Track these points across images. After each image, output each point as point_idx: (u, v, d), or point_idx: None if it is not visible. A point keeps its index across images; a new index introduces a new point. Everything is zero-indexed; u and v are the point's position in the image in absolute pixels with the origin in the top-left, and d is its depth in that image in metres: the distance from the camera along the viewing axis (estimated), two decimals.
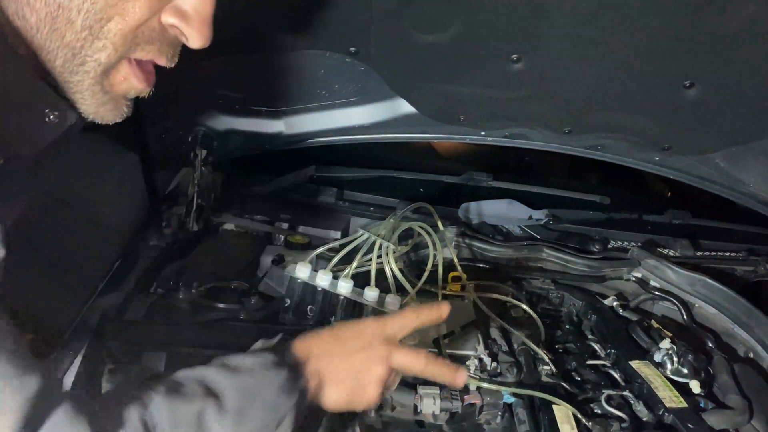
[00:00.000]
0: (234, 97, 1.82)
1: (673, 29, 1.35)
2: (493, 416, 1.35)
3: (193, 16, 0.85)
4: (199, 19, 0.86)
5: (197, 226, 1.96)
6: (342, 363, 1.09)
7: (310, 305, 1.52)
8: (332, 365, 1.08)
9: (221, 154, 1.99)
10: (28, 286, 1.36)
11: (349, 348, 1.10)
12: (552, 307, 1.88)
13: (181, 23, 0.85)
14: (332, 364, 1.08)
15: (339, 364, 1.08)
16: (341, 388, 1.08)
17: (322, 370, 1.06)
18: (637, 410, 1.40)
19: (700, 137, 1.74)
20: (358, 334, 1.12)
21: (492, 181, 2.35)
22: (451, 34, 1.46)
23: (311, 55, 1.64)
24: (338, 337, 1.12)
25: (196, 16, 0.85)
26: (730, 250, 2.22)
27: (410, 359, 1.12)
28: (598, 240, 2.13)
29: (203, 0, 0.86)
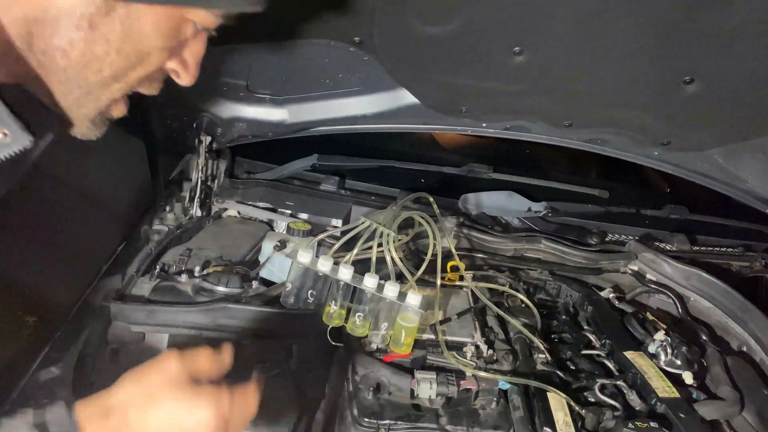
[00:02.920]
0: (238, 84, 1.84)
1: (674, 25, 1.36)
2: (488, 402, 1.37)
3: (191, 64, 0.98)
4: (194, 64, 0.99)
5: (200, 211, 1.99)
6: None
7: (311, 290, 1.54)
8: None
9: (225, 140, 2.00)
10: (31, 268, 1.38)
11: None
12: (549, 297, 1.90)
13: (180, 68, 0.98)
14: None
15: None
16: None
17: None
18: (630, 399, 1.43)
19: (699, 133, 1.76)
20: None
21: (492, 173, 2.36)
22: (454, 26, 1.47)
23: (316, 45, 1.65)
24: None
25: (192, 61, 0.98)
26: (726, 246, 2.25)
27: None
28: (596, 233, 2.15)
29: (200, 50, 0.98)
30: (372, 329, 1.44)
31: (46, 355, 1.30)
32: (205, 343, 0.96)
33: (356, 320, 1.44)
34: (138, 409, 0.86)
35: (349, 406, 1.33)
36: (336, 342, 1.51)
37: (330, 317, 1.47)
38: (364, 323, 1.44)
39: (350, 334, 1.46)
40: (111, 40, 0.84)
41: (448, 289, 1.69)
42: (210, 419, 0.87)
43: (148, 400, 0.87)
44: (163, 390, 0.88)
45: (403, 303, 1.40)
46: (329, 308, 1.48)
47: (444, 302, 1.61)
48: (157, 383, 0.88)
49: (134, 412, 0.86)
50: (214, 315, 1.52)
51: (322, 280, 1.53)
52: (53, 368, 1.32)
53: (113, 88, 0.90)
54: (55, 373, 1.32)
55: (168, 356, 0.91)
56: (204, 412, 0.87)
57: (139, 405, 0.87)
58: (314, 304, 1.55)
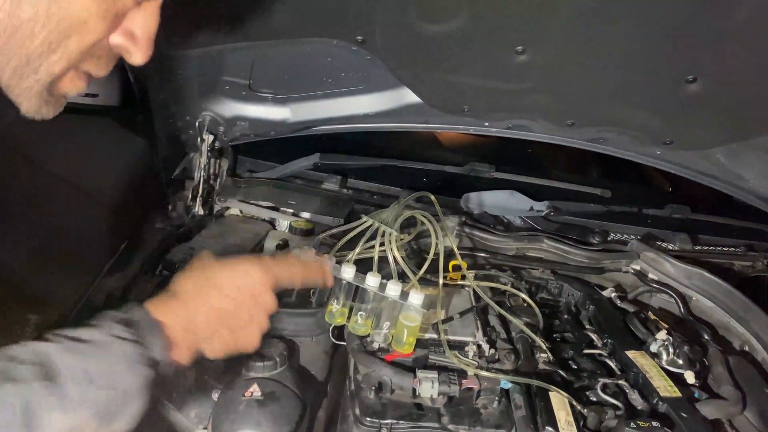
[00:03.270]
0: (241, 83, 1.84)
1: (676, 24, 1.36)
2: (490, 401, 1.37)
3: (140, 38, 0.90)
4: (145, 40, 0.91)
5: (203, 210, 1.99)
6: (224, 323, 1.10)
7: (313, 289, 1.54)
8: (211, 327, 1.09)
9: (227, 139, 2.01)
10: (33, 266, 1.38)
11: (233, 305, 1.11)
12: (551, 296, 1.90)
13: (129, 44, 0.90)
14: (211, 326, 1.09)
15: (220, 324, 1.10)
16: (221, 344, 1.11)
17: (196, 332, 1.06)
18: (631, 399, 1.42)
19: (701, 132, 1.76)
20: (245, 286, 1.14)
21: (494, 172, 2.37)
22: (456, 25, 1.47)
23: (318, 44, 1.65)
24: (219, 290, 1.11)
25: (142, 37, 0.90)
26: (728, 245, 2.24)
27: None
28: (598, 232, 2.15)
29: (150, 23, 0.90)
30: (374, 328, 1.44)
31: None
32: None
33: (358, 319, 1.44)
34: (207, 288, 1.11)
35: (351, 405, 1.33)
36: (338, 341, 1.51)
37: (332, 316, 1.47)
38: (366, 322, 1.44)
39: (352, 333, 1.46)
40: (38, 2, 0.79)
41: (450, 288, 1.69)
42: (260, 274, 1.16)
43: (205, 278, 1.13)
44: (221, 269, 1.15)
45: (405, 302, 1.40)
46: (331, 307, 1.48)
47: (446, 301, 1.61)
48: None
49: (205, 291, 1.11)
50: None
51: None
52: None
53: (51, 59, 0.84)
54: None
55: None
56: (256, 269, 1.16)
57: (205, 282, 1.12)
58: (316, 303, 1.56)
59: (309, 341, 1.56)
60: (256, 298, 1.15)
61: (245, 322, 1.14)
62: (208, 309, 1.09)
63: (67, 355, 0.88)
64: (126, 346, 0.93)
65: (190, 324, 1.05)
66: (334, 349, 1.57)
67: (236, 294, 1.12)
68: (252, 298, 1.14)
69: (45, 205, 1.51)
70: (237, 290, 1.13)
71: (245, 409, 1.27)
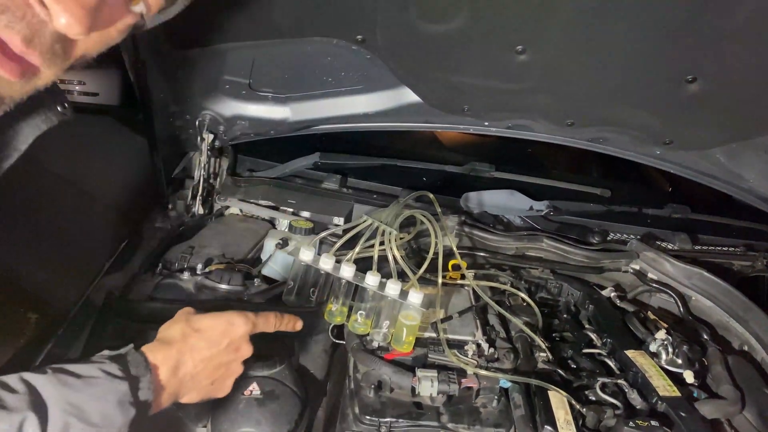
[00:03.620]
0: (241, 82, 1.84)
1: (676, 24, 1.36)
2: (489, 400, 1.37)
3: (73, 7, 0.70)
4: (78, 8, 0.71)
5: (203, 209, 2.00)
6: (206, 369, 1.12)
7: (313, 288, 1.54)
8: (194, 372, 1.10)
9: (227, 138, 2.01)
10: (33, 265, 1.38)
11: (216, 352, 1.14)
12: (550, 296, 1.91)
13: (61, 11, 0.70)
14: (194, 372, 1.10)
15: (202, 371, 1.12)
16: (200, 391, 1.14)
17: (181, 377, 1.08)
18: (631, 398, 1.43)
19: (701, 132, 1.76)
20: (227, 334, 1.16)
21: (494, 172, 2.37)
22: (456, 25, 1.47)
23: (318, 43, 1.65)
24: (204, 337, 1.14)
25: (76, 6, 0.70)
26: (728, 245, 2.25)
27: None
28: (598, 232, 2.15)
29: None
30: (373, 327, 1.45)
31: (49, 352, 1.31)
32: None
33: (358, 318, 1.44)
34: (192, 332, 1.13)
35: (351, 404, 1.34)
36: (338, 340, 1.51)
37: (332, 315, 1.48)
38: (366, 321, 1.44)
39: (352, 331, 1.46)
40: None
41: (449, 287, 1.69)
42: (243, 322, 1.18)
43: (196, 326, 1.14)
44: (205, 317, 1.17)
45: (405, 301, 1.41)
46: (331, 306, 1.48)
47: (445, 301, 1.61)
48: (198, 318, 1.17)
49: (190, 335, 1.12)
50: None
51: (323, 278, 1.54)
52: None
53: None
54: None
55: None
56: (238, 317, 1.18)
57: (191, 331, 1.13)
58: (316, 302, 1.56)
59: (309, 340, 1.56)
60: (236, 347, 1.18)
61: (224, 369, 1.17)
62: (194, 356, 1.10)
63: (58, 387, 0.88)
64: (117, 384, 0.94)
65: (176, 370, 1.07)
66: (333, 347, 1.58)
67: (220, 341, 1.15)
68: (233, 347, 1.17)
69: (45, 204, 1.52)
70: (220, 338, 1.15)
71: (245, 407, 1.27)
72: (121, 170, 1.88)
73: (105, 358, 0.98)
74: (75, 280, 1.52)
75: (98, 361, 0.97)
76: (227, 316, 1.19)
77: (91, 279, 1.56)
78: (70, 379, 0.90)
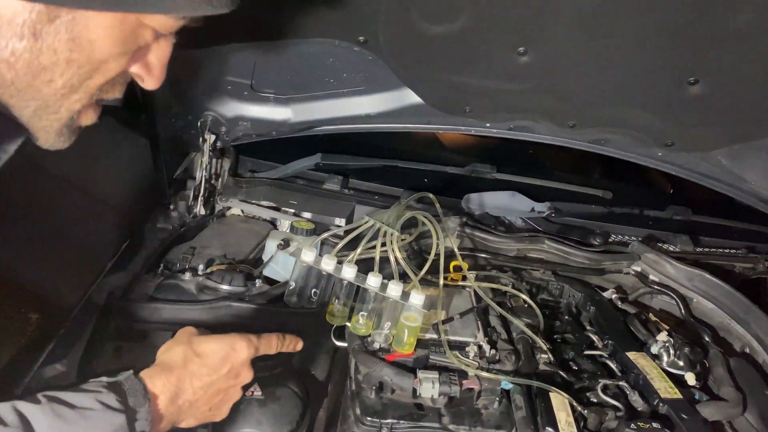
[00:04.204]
0: (243, 83, 1.84)
1: (678, 25, 1.36)
2: (490, 401, 1.37)
3: (155, 67, 0.92)
4: (160, 68, 0.92)
5: (204, 209, 2.00)
6: (205, 395, 1.10)
7: (314, 289, 1.54)
8: (193, 400, 1.09)
9: (229, 139, 2.01)
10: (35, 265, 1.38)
11: (217, 378, 1.12)
12: (551, 298, 1.90)
13: (144, 72, 0.92)
14: (194, 399, 1.09)
15: (201, 397, 1.10)
16: (198, 417, 1.12)
17: (180, 405, 1.06)
18: (632, 400, 1.43)
19: (703, 134, 1.76)
20: (229, 359, 1.14)
21: (495, 173, 2.37)
22: (458, 26, 1.47)
23: (320, 44, 1.65)
24: (205, 363, 1.12)
25: (158, 65, 0.92)
26: (729, 247, 2.25)
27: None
28: (599, 233, 2.15)
29: (165, 52, 0.91)
30: (375, 328, 1.44)
31: (51, 352, 1.31)
32: None
33: (359, 319, 1.44)
34: (193, 357, 1.11)
35: (352, 405, 1.34)
36: (339, 341, 1.51)
37: (333, 316, 1.48)
38: (367, 322, 1.44)
39: (353, 333, 1.46)
40: (58, 50, 0.78)
41: (450, 288, 1.69)
42: (245, 347, 1.16)
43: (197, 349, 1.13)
44: (207, 340, 1.15)
45: (406, 302, 1.41)
46: (332, 307, 1.48)
47: (447, 302, 1.61)
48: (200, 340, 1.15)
49: (191, 360, 1.10)
50: (217, 313, 1.52)
51: (325, 279, 1.54)
52: (57, 365, 1.33)
53: (72, 99, 0.84)
54: (60, 369, 1.33)
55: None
56: (241, 341, 1.16)
57: (192, 355, 1.11)
58: (317, 303, 1.56)
59: (310, 341, 1.56)
60: (237, 373, 1.16)
61: (223, 395, 1.15)
62: (194, 383, 1.09)
63: (51, 419, 0.86)
64: (113, 416, 0.92)
65: (175, 398, 1.05)
66: (335, 349, 1.57)
67: (221, 367, 1.13)
68: (234, 373, 1.15)
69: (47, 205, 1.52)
70: (222, 364, 1.13)
71: (246, 408, 1.28)
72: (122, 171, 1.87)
73: (102, 385, 0.95)
74: (76, 281, 1.52)
75: (94, 390, 0.94)
76: (230, 340, 1.16)
77: (92, 279, 1.56)
78: (64, 411, 0.88)
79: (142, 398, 0.97)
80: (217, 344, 1.15)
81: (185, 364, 1.09)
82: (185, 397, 1.07)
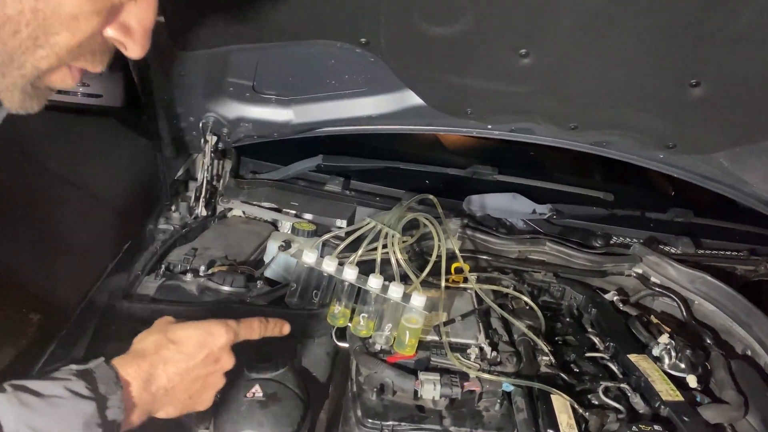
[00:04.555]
0: (244, 85, 1.84)
1: (680, 28, 1.36)
2: (492, 404, 1.37)
3: (136, 30, 0.86)
4: (141, 32, 0.86)
5: (206, 211, 2.00)
6: (182, 383, 1.05)
7: (316, 290, 1.54)
8: (169, 387, 1.04)
9: (231, 141, 2.01)
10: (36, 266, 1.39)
11: (193, 364, 1.06)
12: (553, 300, 1.90)
13: (124, 37, 0.86)
14: (169, 386, 1.04)
15: (178, 384, 1.05)
16: (177, 406, 1.07)
17: (154, 392, 1.01)
18: (633, 402, 1.43)
19: (704, 136, 1.76)
20: (205, 345, 1.09)
21: (497, 175, 2.37)
22: (460, 28, 1.48)
23: (322, 45, 1.65)
24: (180, 349, 1.06)
25: (138, 29, 0.86)
26: (731, 249, 2.25)
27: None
28: (601, 235, 2.15)
29: (146, 14, 0.86)
30: (376, 330, 1.44)
31: (52, 353, 1.31)
32: None
33: (360, 321, 1.44)
34: (167, 344, 1.06)
35: (353, 407, 1.34)
36: (340, 342, 1.51)
37: (334, 317, 1.48)
38: (369, 324, 1.44)
39: (354, 334, 1.46)
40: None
41: (452, 290, 1.69)
42: (223, 332, 1.11)
43: (171, 336, 1.08)
44: (182, 327, 1.10)
45: (408, 304, 1.41)
46: (333, 308, 1.48)
47: (448, 304, 1.61)
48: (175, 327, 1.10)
49: (165, 346, 1.06)
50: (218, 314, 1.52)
51: (326, 281, 1.54)
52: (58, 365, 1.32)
53: (37, 54, 0.79)
54: None
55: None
56: (219, 326, 1.12)
57: (166, 342, 1.07)
58: (318, 305, 1.56)
59: (311, 342, 1.56)
60: (215, 359, 1.10)
61: (202, 382, 1.10)
62: (168, 369, 1.04)
63: (17, 408, 0.82)
64: (83, 404, 0.88)
65: (148, 384, 1.00)
66: (336, 350, 1.57)
67: (197, 353, 1.08)
68: (212, 358, 1.10)
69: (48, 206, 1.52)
70: (198, 349, 1.08)
71: (247, 409, 1.27)
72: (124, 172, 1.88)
73: (71, 373, 0.91)
74: (77, 282, 1.52)
75: (63, 378, 0.89)
76: (206, 325, 1.11)
77: (93, 280, 1.56)
78: (31, 399, 0.84)
79: (113, 385, 0.93)
80: (192, 330, 1.10)
81: (158, 351, 1.05)
82: (159, 384, 1.02)
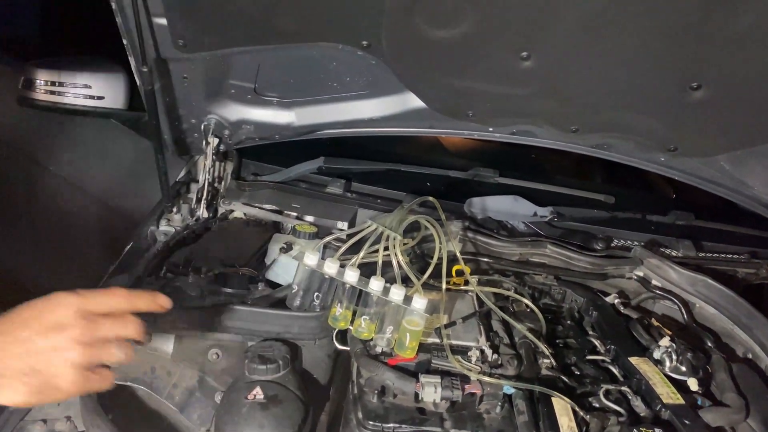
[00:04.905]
0: (246, 87, 1.85)
1: (681, 30, 1.36)
2: (492, 406, 1.37)
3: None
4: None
5: (207, 212, 2.00)
6: (16, 354, 0.95)
7: (317, 292, 1.55)
8: (7, 357, 0.95)
9: (232, 142, 2.01)
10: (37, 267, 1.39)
11: (29, 334, 0.96)
12: (554, 302, 1.90)
13: None
14: (7, 356, 0.95)
15: (12, 356, 0.95)
16: (17, 384, 0.95)
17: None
18: (634, 405, 1.42)
19: (705, 139, 1.76)
20: (46, 312, 0.98)
21: (498, 178, 2.37)
22: (461, 30, 1.48)
23: (324, 48, 1.66)
24: (15, 320, 0.98)
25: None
26: (732, 252, 2.24)
27: (112, 323, 1.03)
28: (602, 238, 2.15)
29: None
30: (377, 332, 1.44)
31: None
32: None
33: (361, 323, 1.44)
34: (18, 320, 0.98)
35: (354, 409, 1.34)
36: (341, 344, 1.51)
37: (335, 320, 1.48)
38: (370, 326, 1.44)
39: (355, 336, 1.46)
40: None
41: (453, 293, 1.69)
42: (66, 295, 1.00)
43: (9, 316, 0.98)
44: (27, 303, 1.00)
45: (409, 306, 1.41)
46: (335, 311, 1.48)
47: (449, 306, 1.61)
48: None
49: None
50: (219, 316, 1.52)
51: (327, 283, 1.54)
52: None
53: None
54: None
55: None
56: (61, 293, 1.00)
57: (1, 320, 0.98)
58: (320, 307, 1.56)
59: (312, 344, 1.56)
60: (59, 325, 0.98)
61: (50, 353, 0.97)
62: (5, 343, 0.96)
63: None
64: None
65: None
66: (337, 352, 1.57)
67: (30, 321, 0.97)
68: (52, 325, 0.97)
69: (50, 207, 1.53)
70: (31, 316, 0.98)
71: (248, 411, 1.28)
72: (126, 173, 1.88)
73: None
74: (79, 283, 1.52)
75: None
76: (52, 297, 1.00)
77: (95, 281, 1.56)
78: None
79: None
80: (38, 303, 0.99)
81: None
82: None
